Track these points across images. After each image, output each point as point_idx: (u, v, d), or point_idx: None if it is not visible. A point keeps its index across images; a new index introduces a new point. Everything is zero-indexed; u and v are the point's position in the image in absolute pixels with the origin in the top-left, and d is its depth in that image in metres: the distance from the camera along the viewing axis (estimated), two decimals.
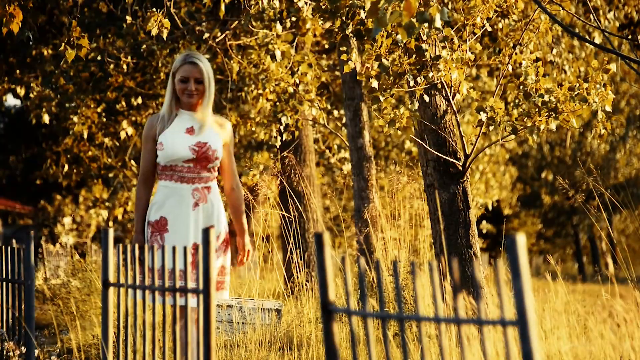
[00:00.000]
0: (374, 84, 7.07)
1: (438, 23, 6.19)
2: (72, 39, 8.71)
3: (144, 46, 12.65)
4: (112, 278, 5.63)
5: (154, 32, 9.32)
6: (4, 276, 7.04)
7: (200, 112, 6.01)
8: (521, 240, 2.89)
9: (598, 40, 11.56)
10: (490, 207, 21.01)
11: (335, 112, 15.11)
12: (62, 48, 8.75)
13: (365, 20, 6.97)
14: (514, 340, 5.13)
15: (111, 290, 5.64)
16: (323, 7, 7.15)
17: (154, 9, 9.53)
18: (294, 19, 10.73)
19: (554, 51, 12.48)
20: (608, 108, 7.17)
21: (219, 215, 6.03)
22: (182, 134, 5.94)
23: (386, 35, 6.85)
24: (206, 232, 4.75)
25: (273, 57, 11.23)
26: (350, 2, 6.94)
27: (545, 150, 37.50)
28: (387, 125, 7.17)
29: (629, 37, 8.50)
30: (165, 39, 9.96)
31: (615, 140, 35.50)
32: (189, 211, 5.91)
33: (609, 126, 7.29)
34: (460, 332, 3.22)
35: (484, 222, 29.73)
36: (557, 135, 34.86)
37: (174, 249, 5.12)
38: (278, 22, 11.11)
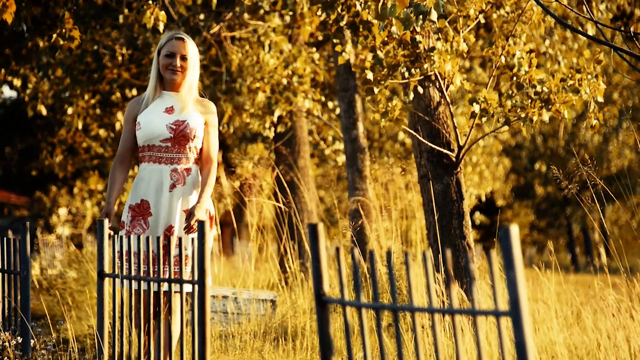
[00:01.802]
0: (369, 75, 7.10)
1: (434, 15, 6.23)
2: (64, 31, 8.72)
3: (140, 39, 12.65)
4: (107, 269, 5.66)
5: (150, 25, 9.33)
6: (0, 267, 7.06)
7: (182, 92, 5.94)
8: (514, 231, 2.92)
9: (591, 32, 11.60)
10: (483, 198, 21.03)
11: (330, 104, 15.13)
12: (53, 40, 8.76)
13: (361, 12, 7.00)
14: (507, 330, 5.18)
15: (107, 280, 5.68)
16: None
17: (150, 2, 9.54)
18: (290, 13, 10.75)
19: (547, 42, 12.51)
20: (600, 99, 7.21)
21: (194, 198, 5.86)
22: (160, 113, 5.89)
23: (381, 27, 6.87)
24: (201, 225, 4.78)
25: (265, 48, 11.25)
26: None
27: (539, 141, 37.54)
28: (380, 117, 7.20)
29: (622, 28, 8.53)
30: (161, 31, 9.96)
31: (608, 132, 35.54)
32: (166, 193, 5.82)
33: (600, 117, 7.32)
34: (454, 322, 3.26)
35: (477, 213, 29.77)
36: (550, 126, 34.89)
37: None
38: (277, 14, 11.13)
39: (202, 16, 13.14)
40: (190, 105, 5.94)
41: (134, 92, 14.65)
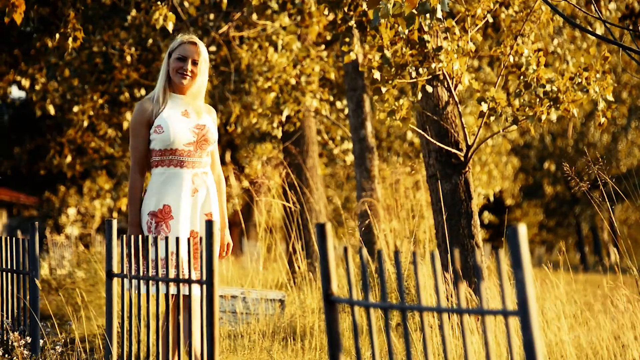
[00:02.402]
0: (376, 75, 7.09)
1: (439, 13, 6.22)
2: (68, 31, 8.73)
3: (150, 40, 12.67)
4: (115, 269, 5.67)
5: (159, 25, 9.34)
6: (9, 267, 7.08)
7: (191, 96, 5.91)
8: (522, 231, 2.91)
9: (600, 31, 11.58)
10: (492, 198, 21.00)
11: (339, 103, 15.13)
12: (55, 40, 8.77)
13: (368, 11, 6.99)
14: (515, 330, 5.17)
15: (115, 280, 5.69)
16: None
17: (159, 2, 9.56)
18: (298, 15, 10.75)
19: (555, 42, 12.49)
20: (609, 97, 7.19)
21: (214, 202, 5.90)
22: (179, 116, 5.83)
23: (389, 27, 6.87)
24: (209, 225, 4.78)
25: (276, 48, 11.25)
26: None
27: (548, 140, 37.50)
28: (387, 116, 7.20)
29: (630, 27, 8.51)
30: (170, 32, 9.97)
31: (617, 131, 35.50)
32: (188, 197, 5.77)
33: (609, 114, 7.30)
34: (462, 322, 3.25)
35: (486, 212, 29.73)
36: (559, 125, 34.85)
37: (177, 239, 5.15)
38: (286, 13, 11.13)
39: (211, 16, 13.15)
40: (201, 109, 5.93)
41: (143, 92, 14.66)
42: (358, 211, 11.47)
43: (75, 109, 14.55)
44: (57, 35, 8.70)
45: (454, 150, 7.50)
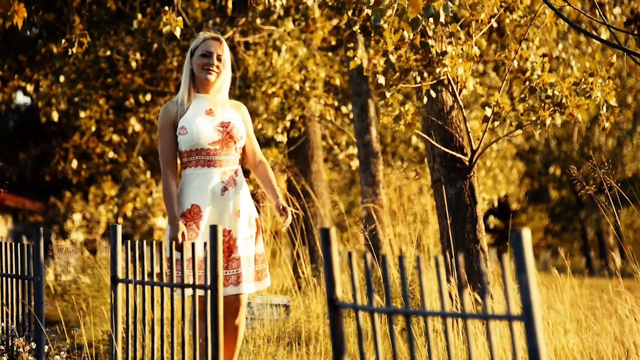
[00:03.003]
0: (381, 79, 7.09)
1: (442, 18, 6.22)
2: (73, 37, 8.75)
3: (155, 45, 12.69)
4: (120, 274, 5.68)
5: (166, 30, 9.36)
6: (14, 272, 7.09)
7: (215, 94, 5.87)
8: (526, 235, 2.91)
9: (605, 35, 11.57)
10: (496, 203, 20.99)
11: (344, 108, 15.14)
12: (61, 46, 8.80)
13: (371, 15, 7.00)
14: (520, 334, 5.16)
15: (120, 286, 5.69)
16: (330, 3, 7.17)
17: (166, 7, 9.58)
18: (302, 19, 10.76)
19: (560, 46, 12.49)
20: (612, 102, 7.19)
21: (247, 199, 5.85)
22: (203, 116, 5.77)
23: (393, 31, 6.87)
24: (214, 229, 4.78)
25: (280, 53, 11.25)
26: None
27: (553, 145, 37.49)
28: (392, 121, 7.20)
29: (635, 32, 8.51)
30: (179, 37, 9.98)
31: (623, 135, 35.48)
32: (218, 196, 5.71)
33: (612, 119, 7.30)
34: (466, 326, 3.25)
35: (491, 217, 29.73)
36: (564, 130, 34.84)
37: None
38: (290, 18, 11.13)
39: (217, 19, 13.17)
40: (226, 105, 5.89)
41: (148, 97, 14.68)
42: (363, 216, 11.47)
43: (82, 114, 14.57)
44: (63, 41, 8.71)
45: (458, 155, 7.50)
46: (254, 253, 5.86)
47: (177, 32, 9.39)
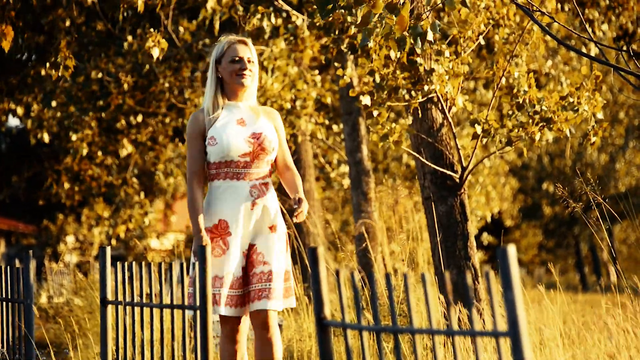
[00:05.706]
0: (365, 100, 7.09)
1: (430, 36, 6.23)
2: (59, 60, 8.75)
3: (147, 67, 12.69)
4: (110, 296, 5.66)
5: (154, 52, 9.37)
6: (4, 296, 7.07)
7: (246, 100, 5.61)
8: (512, 252, 2.91)
9: (594, 52, 11.61)
10: (489, 219, 21.00)
11: (335, 127, 15.15)
12: (46, 70, 8.81)
13: (358, 34, 7.01)
14: (507, 350, 5.15)
15: (109, 307, 5.68)
16: (317, 23, 7.19)
17: (152, 29, 9.60)
18: (292, 38, 10.79)
19: (549, 63, 12.52)
20: (599, 115, 7.21)
21: (277, 213, 5.55)
22: (234, 126, 5.50)
23: (380, 49, 6.88)
24: (202, 250, 4.77)
25: (266, 72, 11.27)
26: (343, 18, 6.98)
27: (545, 161, 37.56)
28: (380, 139, 7.20)
29: (623, 48, 8.54)
30: (161, 58, 9.97)
31: (615, 151, 35.55)
32: (247, 211, 5.44)
33: (600, 133, 7.31)
34: (453, 343, 3.25)
35: (485, 233, 29.74)
36: (556, 146, 34.92)
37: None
38: (281, 38, 11.15)
39: (207, 40, 13.18)
40: (259, 114, 5.62)
41: (139, 118, 14.69)
42: (355, 234, 11.47)
43: (74, 137, 14.57)
44: (48, 65, 8.71)
45: (449, 172, 7.51)
46: (284, 270, 5.54)
47: (155, 53, 9.36)
